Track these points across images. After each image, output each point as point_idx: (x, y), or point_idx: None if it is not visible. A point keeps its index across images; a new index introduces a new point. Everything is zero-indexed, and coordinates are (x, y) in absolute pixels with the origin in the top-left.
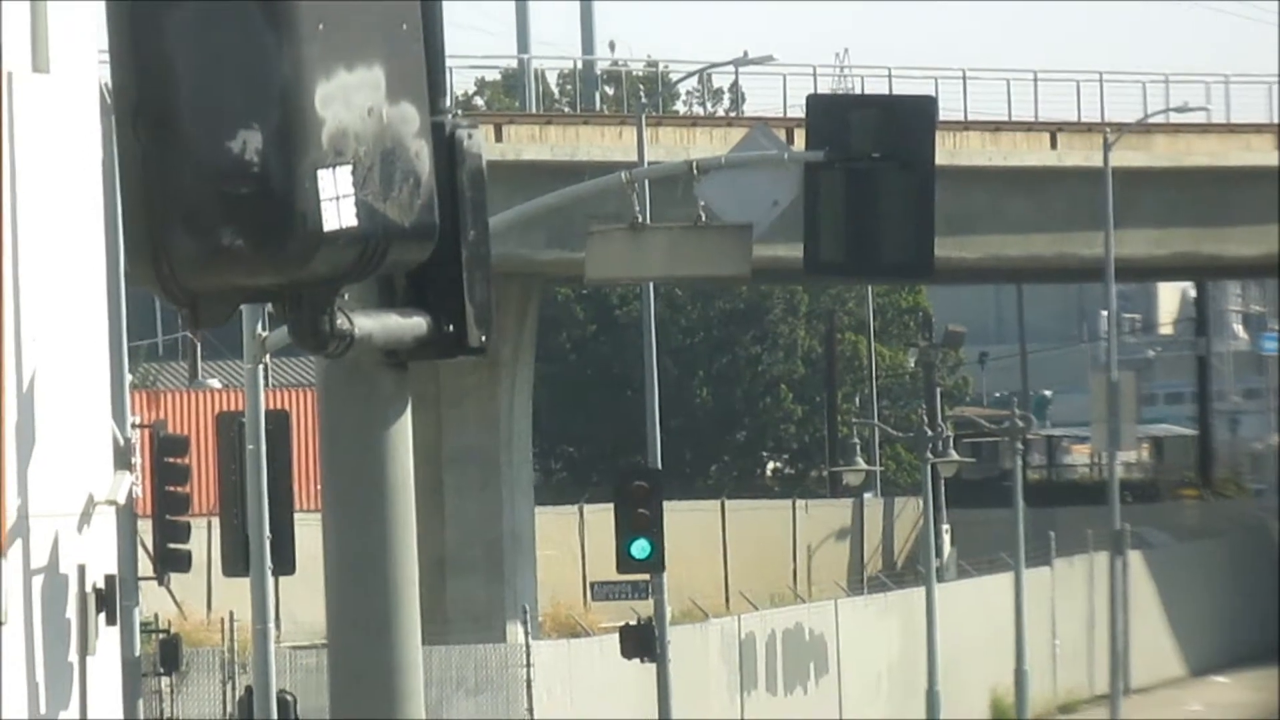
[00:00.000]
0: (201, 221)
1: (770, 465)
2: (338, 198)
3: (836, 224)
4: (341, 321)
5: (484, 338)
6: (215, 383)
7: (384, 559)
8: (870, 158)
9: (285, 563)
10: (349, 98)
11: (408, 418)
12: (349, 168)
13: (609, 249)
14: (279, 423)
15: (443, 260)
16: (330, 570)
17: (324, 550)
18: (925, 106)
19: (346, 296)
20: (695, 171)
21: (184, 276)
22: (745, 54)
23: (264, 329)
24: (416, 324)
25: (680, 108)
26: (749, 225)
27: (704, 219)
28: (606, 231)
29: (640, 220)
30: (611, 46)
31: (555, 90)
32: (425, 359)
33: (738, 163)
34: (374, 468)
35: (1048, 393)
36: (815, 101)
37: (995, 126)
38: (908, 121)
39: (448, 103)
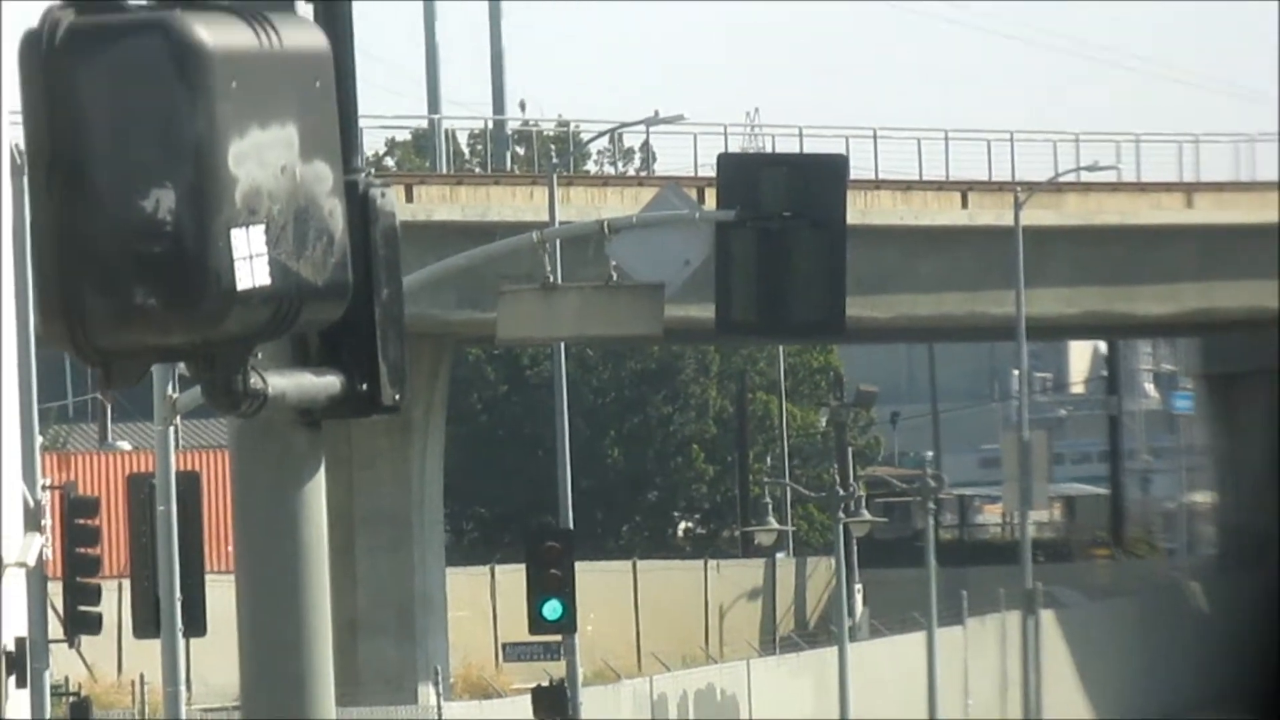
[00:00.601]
0: (114, 280)
1: (682, 525)
2: (251, 256)
3: (748, 283)
4: (255, 380)
5: (398, 396)
6: (126, 444)
7: (297, 619)
8: (781, 216)
9: (196, 624)
10: (262, 156)
11: (321, 477)
12: (262, 226)
13: (520, 309)
14: (190, 484)
15: (356, 319)
16: (243, 631)
17: (237, 611)
18: (836, 165)
19: (260, 355)
20: (606, 231)
21: (97, 336)
22: (656, 113)
23: (174, 390)
24: (330, 383)
25: (592, 167)
26: (661, 285)
27: (615, 278)
28: (517, 291)
29: (551, 280)
30: (522, 106)
31: (466, 150)
32: (339, 418)
33: (649, 222)
34: (288, 527)
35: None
36: (726, 160)
37: (906, 186)
38: (819, 180)
39: (360, 161)
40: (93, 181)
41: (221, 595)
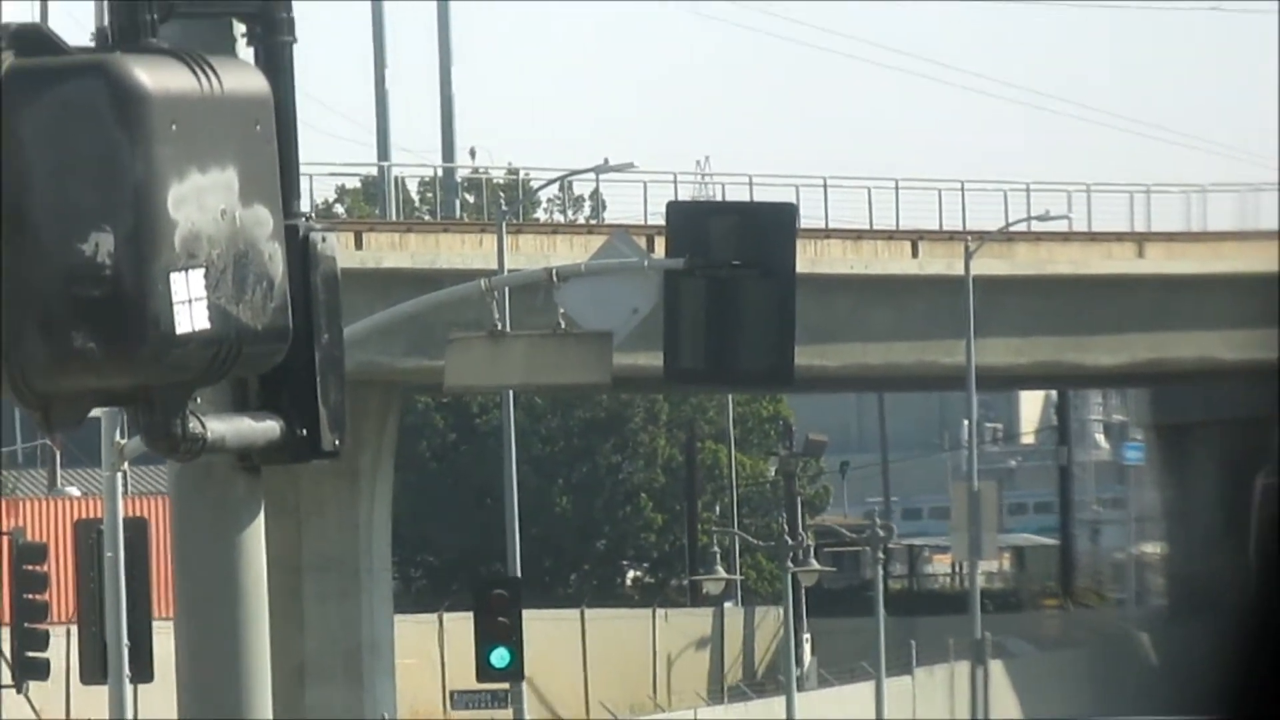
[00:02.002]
0: (53, 324)
1: (630, 574)
2: (190, 300)
3: (697, 331)
4: (194, 425)
5: (337, 441)
6: (75, 490)
7: (237, 663)
8: (730, 265)
9: (143, 670)
10: (202, 199)
11: (260, 521)
12: (202, 270)
13: (468, 357)
14: (137, 530)
15: (296, 363)
16: (182, 674)
17: (176, 654)
18: (785, 213)
19: (199, 399)
20: (555, 279)
21: (36, 379)
22: (606, 161)
23: (122, 436)
24: (269, 427)
25: (541, 215)
26: (609, 333)
27: (564, 326)
28: (466, 339)
29: (500, 328)
30: (472, 154)
31: (416, 198)
32: (278, 463)
33: (597, 270)
34: (227, 571)
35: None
36: (675, 208)
37: (857, 235)
38: (768, 229)
39: (300, 205)
40: (32, 224)
41: (170, 641)
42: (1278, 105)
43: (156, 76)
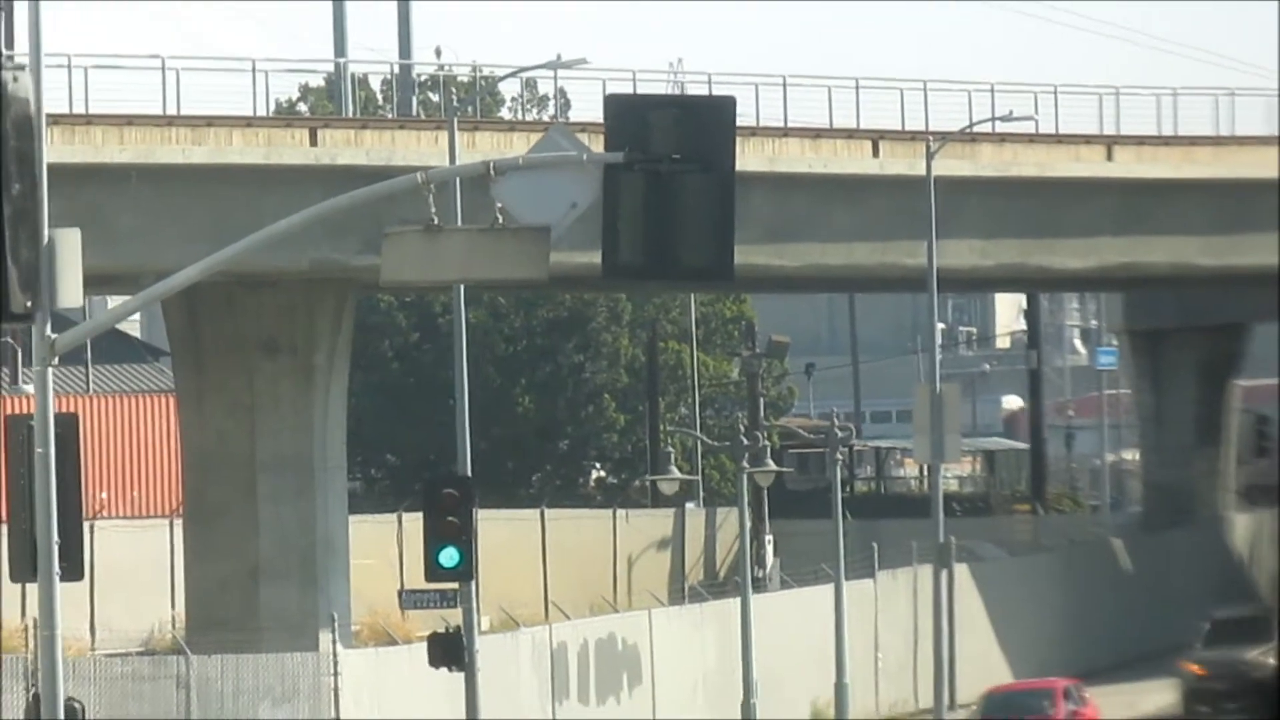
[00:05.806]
0: None
1: (593, 475)
2: None
3: (636, 226)
4: None
5: (30, 303)
6: (32, 389)
7: None
8: (670, 159)
9: (75, 568)
10: None
11: None
12: None
13: (404, 251)
14: (68, 426)
15: None
16: None
17: None
18: (724, 107)
19: None
20: (492, 172)
21: None
22: (559, 57)
23: (53, 331)
24: None
25: (505, 114)
26: (546, 228)
27: (501, 221)
28: (401, 233)
29: (436, 222)
30: (438, 52)
31: (380, 96)
32: None
33: (536, 164)
34: None
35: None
36: (613, 102)
37: (816, 134)
38: (707, 123)
39: (259, 103)
40: None
41: (122, 540)
42: None
43: None
